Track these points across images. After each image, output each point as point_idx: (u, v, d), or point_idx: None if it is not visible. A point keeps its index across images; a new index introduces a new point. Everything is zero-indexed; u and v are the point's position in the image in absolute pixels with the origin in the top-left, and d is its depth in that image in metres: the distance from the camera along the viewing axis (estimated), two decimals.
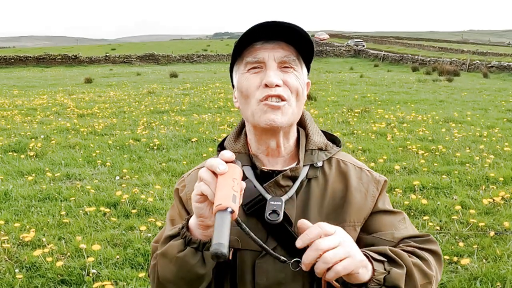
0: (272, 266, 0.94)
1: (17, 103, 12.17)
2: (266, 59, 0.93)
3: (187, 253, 0.88)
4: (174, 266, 0.89)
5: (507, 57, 30.61)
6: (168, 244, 0.91)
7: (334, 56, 40.50)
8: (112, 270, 3.14)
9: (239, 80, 0.97)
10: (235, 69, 0.99)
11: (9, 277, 3.06)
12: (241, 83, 0.96)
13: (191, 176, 1.05)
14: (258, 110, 0.94)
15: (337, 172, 1.02)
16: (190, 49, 49.65)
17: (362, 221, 0.99)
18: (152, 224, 3.89)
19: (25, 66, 32.42)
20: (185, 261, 0.88)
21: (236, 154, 0.97)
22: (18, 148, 6.71)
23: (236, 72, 0.99)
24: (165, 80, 20.22)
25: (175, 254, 0.89)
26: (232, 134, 1.06)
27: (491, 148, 6.51)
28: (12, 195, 4.65)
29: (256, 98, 0.94)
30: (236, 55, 0.97)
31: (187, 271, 0.89)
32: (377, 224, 0.99)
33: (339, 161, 1.03)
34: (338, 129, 8.12)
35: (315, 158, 1.00)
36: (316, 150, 1.01)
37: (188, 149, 6.68)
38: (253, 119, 0.96)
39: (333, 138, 1.07)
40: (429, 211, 4.19)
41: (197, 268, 0.88)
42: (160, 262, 0.93)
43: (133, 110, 10.66)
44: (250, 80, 0.94)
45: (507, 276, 3.00)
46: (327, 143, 1.04)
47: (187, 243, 0.88)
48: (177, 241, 0.89)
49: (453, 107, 10.90)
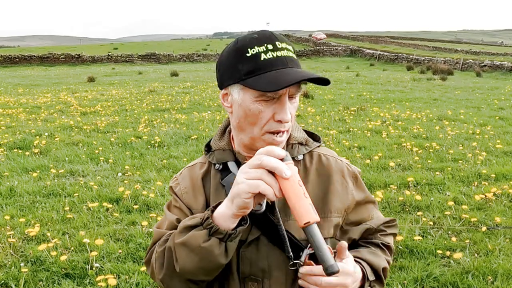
0: (255, 255, 0.99)
1: (22, 101, 12.20)
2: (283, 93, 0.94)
3: (213, 243, 0.89)
4: (196, 255, 0.90)
5: (499, 56, 30.77)
6: (190, 234, 0.91)
7: (331, 55, 40.50)
8: (114, 264, 3.19)
9: (247, 104, 0.95)
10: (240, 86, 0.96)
11: (14, 270, 3.10)
12: (250, 109, 0.95)
13: (182, 174, 1.10)
14: (261, 139, 0.96)
15: (318, 165, 1.07)
16: (191, 48, 49.44)
17: (343, 212, 1.06)
18: (153, 219, 3.94)
19: (29, 65, 32.42)
20: (210, 251, 0.89)
21: (220, 151, 1.06)
22: (23, 145, 6.77)
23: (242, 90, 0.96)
24: (166, 79, 20.25)
25: (199, 244, 0.89)
26: (217, 134, 1.10)
27: (483, 146, 6.58)
28: (17, 191, 4.70)
29: (263, 129, 0.95)
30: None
31: (210, 261, 0.90)
32: (357, 215, 1.10)
33: (320, 155, 1.09)
34: (335, 126, 8.18)
35: (296, 152, 1.05)
36: (296, 144, 1.06)
37: (188, 147, 6.74)
38: (249, 141, 0.99)
39: (313, 136, 1.12)
40: (422, 206, 4.25)
41: (220, 258, 0.90)
42: (180, 251, 0.92)
43: (135, 108, 10.71)
44: (262, 111, 0.94)
45: (498, 270, 3.05)
46: (307, 139, 1.09)
47: (211, 233, 0.89)
48: (200, 231, 0.90)
49: (446, 106, 10.96)
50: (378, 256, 1.09)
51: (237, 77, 0.95)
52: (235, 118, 0.99)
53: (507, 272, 3.05)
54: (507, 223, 3.88)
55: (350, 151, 6.36)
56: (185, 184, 1.08)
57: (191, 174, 1.09)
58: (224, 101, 1.02)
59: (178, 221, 1.02)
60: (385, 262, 1.09)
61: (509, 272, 3.05)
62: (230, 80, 0.97)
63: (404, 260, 3.27)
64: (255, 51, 0.93)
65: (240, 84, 0.95)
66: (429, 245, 3.47)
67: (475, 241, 3.54)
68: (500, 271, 3.05)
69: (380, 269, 1.06)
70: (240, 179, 0.86)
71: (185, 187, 1.07)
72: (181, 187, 1.08)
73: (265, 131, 0.96)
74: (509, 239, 3.57)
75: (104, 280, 2.81)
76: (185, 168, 1.13)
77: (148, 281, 2.99)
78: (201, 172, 1.07)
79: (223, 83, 1.00)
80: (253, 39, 0.95)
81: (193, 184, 1.07)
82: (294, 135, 1.07)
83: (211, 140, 1.12)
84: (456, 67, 25.85)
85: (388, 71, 25.65)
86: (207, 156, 1.09)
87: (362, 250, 1.08)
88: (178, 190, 1.08)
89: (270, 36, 0.95)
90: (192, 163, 1.13)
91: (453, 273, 3.06)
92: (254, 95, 0.94)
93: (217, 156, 1.06)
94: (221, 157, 1.05)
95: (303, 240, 0.97)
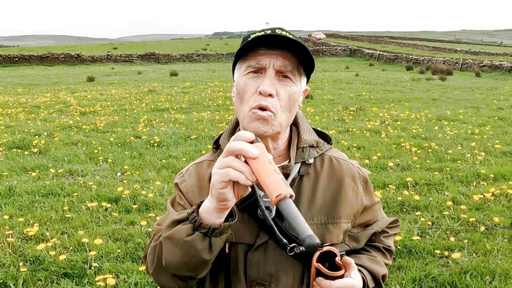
0: (263, 259, 0.98)
1: (21, 101, 12.20)
2: (267, 66, 0.95)
3: (196, 237, 0.88)
4: (180, 250, 0.89)
5: (498, 56, 30.77)
6: (175, 228, 0.90)
7: (330, 55, 40.53)
8: (113, 264, 3.18)
9: (238, 80, 0.99)
10: (238, 66, 1.01)
11: (13, 270, 3.10)
12: (239, 85, 0.98)
13: (189, 171, 1.09)
14: (248, 116, 0.96)
15: (329, 168, 1.05)
16: (190, 48, 49.44)
17: (352, 217, 1.06)
18: (152, 219, 3.94)
19: (29, 65, 32.43)
20: (192, 246, 0.88)
21: None
22: (22, 145, 6.77)
23: (237, 70, 1.01)
24: (166, 78, 20.25)
25: (182, 238, 0.88)
26: (226, 131, 1.08)
27: (482, 146, 6.59)
28: (16, 190, 4.70)
29: (249, 104, 0.96)
30: (241, 54, 0.99)
31: (193, 255, 0.89)
32: (363, 217, 1.10)
33: (331, 158, 1.07)
34: (334, 127, 8.18)
35: (306, 156, 1.03)
36: (307, 147, 1.04)
37: (187, 146, 6.74)
38: (243, 123, 0.99)
39: (324, 136, 1.11)
40: (421, 206, 4.25)
41: (203, 253, 0.89)
42: (166, 245, 0.92)
43: (134, 108, 10.72)
44: (248, 84, 0.96)
45: (497, 270, 3.05)
46: (319, 141, 1.07)
47: (195, 228, 0.88)
48: (185, 225, 0.89)
49: (446, 106, 10.97)
50: (378, 263, 1.09)
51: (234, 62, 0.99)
52: (235, 102, 1.00)
53: (505, 272, 3.06)
54: (506, 223, 3.88)
55: (349, 151, 6.36)
56: (191, 182, 1.06)
57: (198, 172, 1.07)
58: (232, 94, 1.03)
59: None
60: (384, 268, 1.09)
61: (507, 272, 3.06)
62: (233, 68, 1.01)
63: (403, 260, 3.27)
64: (254, 35, 0.96)
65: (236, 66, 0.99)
66: (427, 245, 3.48)
67: (473, 241, 3.55)
68: (498, 271, 3.05)
69: (380, 276, 1.07)
70: (213, 170, 0.84)
71: (191, 185, 1.06)
72: (187, 184, 1.06)
73: (250, 107, 0.96)
74: (507, 239, 3.58)
75: (103, 280, 2.81)
76: (191, 164, 1.11)
77: (146, 280, 2.99)
78: (208, 172, 1.05)
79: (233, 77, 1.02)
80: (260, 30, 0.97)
81: (200, 182, 1.05)
82: (304, 137, 1.05)
83: (220, 137, 1.10)
84: (456, 67, 25.87)
85: (387, 71, 25.66)
86: (215, 154, 1.07)
87: (363, 257, 1.08)
88: (183, 187, 1.06)
89: (275, 29, 0.97)
90: (200, 159, 1.11)
91: (451, 273, 3.06)
92: (243, 69, 0.97)
93: None
94: None
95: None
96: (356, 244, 1.09)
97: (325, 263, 0.92)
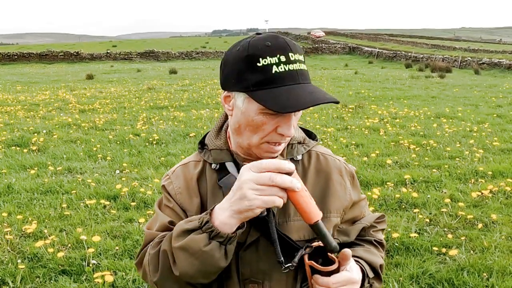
0: (255, 257, 0.98)
1: (20, 99, 12.21)
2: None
3: (213, 247, 0.87)
4: (196, 260, 0.89)
5: (497, 54, 30.79)
6: (188, 238, 0.89)
7: (330, 53, 40.47)
8: (111, 261, 3.19)
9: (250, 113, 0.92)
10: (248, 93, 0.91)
11: (11, 267, 3.11)
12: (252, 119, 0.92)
13: (176, 173, 1.06)
14: (258, 147, 0.95)
15: (316, 164, 1.06)
16: (189, 46, 49.43)
17: (342, 212, 1.06)
18: (150, 216, 3.93)
19: (28, 63, 32.40)
20: (211, 255, 0.88)
21: (217, 150, 1.03)
22: (21, 142, 6.78)
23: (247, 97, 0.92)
24: (165, 76, 20.26)
25: (200, 248, 0.88)
26: (213, 131, 1.07)
27: (480, 143, 6.60)
28: (15, 188, 4.71)
29: (264, 138, 0.93)
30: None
31: (211, 264, 0.89)
32: (351, 213, 1.11)
33: (318, 154, 1.07)
34: (333, 124, 8.19)
35: (295, 152, 1.04)
36: (295, 144, 1.04)
37: (186, 144, 6.74)
38: (246, 146, 0.97)
39: (309, 133, 1.10)
40: (419, 204, 4.27)
41: (220, 261, 0.89)
42: (180, 256, 0.90)
43: (133, 106, 10.71)
44: (265, 123, 0.92)
45: (494, 267, 3.07)
46: (305, 137, 1.07)
47: (211, 237, 0.87)
48: (199, 235, 0.88)
49: (444, 103, 10.99)
50: (373, 254, 1.10)
51: (244, 86, 0.90)
52: (235, 122, 0.96)
53: (502, 269, 3.07)
54: (503, 220, 3.90)
55: (348, 149, 6.38)
56: (179, 184, 1.04)
57: (185, 174, 1.05)
58: (225, 102, 0.97)
59: (170, 223, 0.99)
60: (380, 259, 1.11)
61: (504, 269, 3.07)
62: (236, 87, 0.92)
63: (400, 257, 3.28)
64: (266, 62, 0.88)
65: (246, 94, 0.91)
66: (425, 242, 3.49)
67: (471, 238, 3.56)
68: (496, 268, 3.06)
69: (378, 266, 1.08)
70: (251, 195, 0.83)
71: (179, 187, 1.04)
72: (175, 186, 1.04)
73: (265, 141, 0.94)
74: (504, 236, 3.59)
75: (101, 277, 2.82)
76: (177, 166, 1.09)
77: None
78: (196, 172, 1.04)
79: (228, 87, 0.95)
80: (266, 47, 0.88)
81: (187, 184, 1.04)
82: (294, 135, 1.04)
83: (205, 137, 1.08)
84: (455, 64, 25.86)
85: (386, 68, 25.67)
86: (201, 154, 1.06)
87: (358, 249, 1.09)
88: (171, 189, 1.04)
89: (284, 46, 0.90)
90: (185, 161, 1.09)
91: (449, 269, 3.08)
92: (260, 107, 0.90)
93: (214, 155, 1.03)
94: (218, 157, 1.02)
95: (300, 241, 0.97)
96: (346, 237, 1.10)
97: (318, 259, 0.93)
